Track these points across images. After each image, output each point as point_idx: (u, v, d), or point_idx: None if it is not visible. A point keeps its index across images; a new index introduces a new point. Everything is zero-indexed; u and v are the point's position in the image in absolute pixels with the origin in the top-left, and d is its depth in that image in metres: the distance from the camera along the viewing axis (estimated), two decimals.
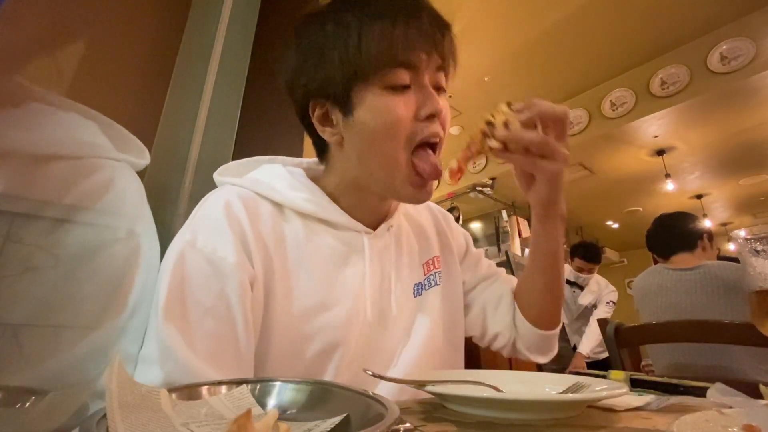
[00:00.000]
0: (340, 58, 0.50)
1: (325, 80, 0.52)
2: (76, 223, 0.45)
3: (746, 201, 5.07)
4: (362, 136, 0.53)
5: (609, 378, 0.63)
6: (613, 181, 4.49)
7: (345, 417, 0.28)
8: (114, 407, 0.22)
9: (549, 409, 0.38)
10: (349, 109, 0.52)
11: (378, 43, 0.49)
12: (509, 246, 4.58)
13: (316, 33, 0.53)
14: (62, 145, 0.46)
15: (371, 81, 0.50)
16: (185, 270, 0.47)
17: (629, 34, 3.06)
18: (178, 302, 0.45)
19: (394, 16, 0.50)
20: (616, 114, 3.45)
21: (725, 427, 0.30)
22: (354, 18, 0.50)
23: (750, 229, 0.48)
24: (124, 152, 0.54)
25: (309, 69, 0.54)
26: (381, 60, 0.49)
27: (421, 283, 0.67)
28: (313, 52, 0.53)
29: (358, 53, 0.49)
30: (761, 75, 2.78)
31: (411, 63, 0.51)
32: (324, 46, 0.52)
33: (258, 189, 0.56)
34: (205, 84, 1.12)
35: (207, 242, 0.49)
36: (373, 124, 0.51)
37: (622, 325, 1.36)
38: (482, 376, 0.50)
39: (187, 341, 0.43)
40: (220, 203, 0.53)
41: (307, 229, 0.57)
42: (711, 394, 0.47)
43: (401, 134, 0.52)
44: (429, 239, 0.72)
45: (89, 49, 0.91)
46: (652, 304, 1.65)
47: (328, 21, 0.53)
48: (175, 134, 1.06)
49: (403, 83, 0.51)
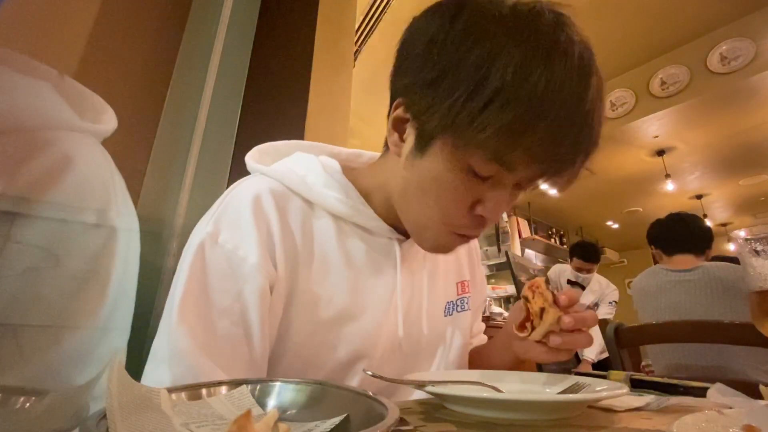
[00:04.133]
0: (453, 93, 0.38)
1: (425, 104, 0.41)
2: (30, 217, 0.38)
3: (746, 201, 5.07)
4: (417, 180, 0.46)
5: (609, 378, 0.63)
6: (613, 181, 4.49)
7: (345, 417, 0.28)
8: (114, 407, 0.22)
9: (549, 409, 0.38)
10: (421, 148, 0.44)
11: (509, 122, 0.37)
12: (509, 246, 4.58)
13: (459, 39, 0.39)
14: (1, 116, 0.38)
15: (466, 144, 0.40)
16: (204, 267, 0.45)
17: (629, 34, 3.06)
18: (193, 300, 0.43)
19: (552, 108, 0.37)
20: (616, 114, 3.46)
21: (725, 427, 0.30)
22: (509, 65, 0.36)
23: (750, 229, 0.48)
24: (85, 118, 0.45)
25: (426, 68, 0.41)
26: (494, 141, 0.38)
27: (454, 302, 0.64)
28: (441, 57, 0.40)
29: (480, 109, 0.37)
30: (761, 75, 2.79)
31: (510, 167, 0.41)
32: (457, 64, 0.39)
33: (290, 183, 0.52)
34: (205, 84, 1.12)
35: (229, 239, 0.46)
36: (429, 185, 0.44)
37: (622, 326, 1.36)
38: (482, 376, 0.49)
39: (200, 343, 0.41)
40: (249, 197, 0.49)
41: (338, 230, 0.53)
42: (711, 394, 0.47)
43: (448, 215, 0.45)
44: (461, 261, 0.70)
45: (89, 49, 0.91)
46: (652, 304, 1.65)
47: (479, 43, 0.38)
48: (175, 134, 1.06)
49: (484, 175, 0.42)
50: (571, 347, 0.46)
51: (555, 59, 0.37)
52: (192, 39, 1.15)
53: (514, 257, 2.19)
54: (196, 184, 1.05)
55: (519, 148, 0.38)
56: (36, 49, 0.82)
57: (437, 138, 0.42)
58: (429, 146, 0.43)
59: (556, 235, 5.60)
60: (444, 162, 0.42)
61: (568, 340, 0.45)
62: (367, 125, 3.87)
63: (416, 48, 0.43)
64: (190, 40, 1.15)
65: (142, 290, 0.54)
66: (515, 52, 0.37)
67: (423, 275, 0.60)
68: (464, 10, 0.41)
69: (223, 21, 1.18)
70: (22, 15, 0.80)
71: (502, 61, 0.36)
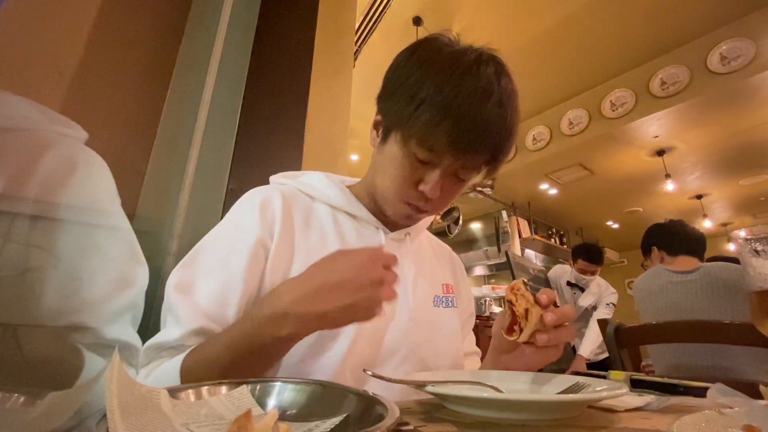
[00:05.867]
0: (400, 101, 0.56)
1: (384, 108, 0.61)
2: (30, 217, 0.39)
3: (746, 201, 5.07)
4: (382, 161, 0.62)
5: (609, 378, 0.63)
6: (613, 182, 4.50)
7: (345, 417, 0.28)
8: (114, 407, 0.22)
9: (549, 410, 0.37)
10: (385, 139, 0.61)
11: (427, 120, 0.53)
12: (509, 246, 4.58)
13: (409, 68, 0.58)
14: None
15: (406, 136, 0.57)
16: (205, 238, 0.57)
17: (629, 34, 3.06)
18: (191, 263, 0.55)
19: (456, 111, 0.53)
20: (616, 114, 3.46)
21: (725, 427, 0.30)
22: (432, 84, 0.54)
23: (750, 229, 0.48)
24: (57, 124, 0.46)
25: (386, 87, 0.60)
26: (419, 132, 0.55)
27: (440, 297, 0.70)
28: (397, 79, 0.58)
29: (413, 111, 0.54)
30: (761, 75, 2.79)
31: (435, 153, 0.56)
32: (404, 83, 0.57)
33: (297, 185, 0.67)
34: (205, 84, 1.12)
35: (235, 216, 0.60)
36: (389, 164, 0.60)
37: (622, 326, 1.36)
38: (482, 376, 0.49)
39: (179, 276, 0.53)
40: (258, 198, 0.61)
41: (334, 217, 0.66)
42: (711, 394, 0.47)
43: (398, 187, 0.60)
44: (444, 268, 0.77)
45: (89, 50, 0.91)
46: (653, 305, 1.65)
47: (419, 70, 0.56)
48: (175, 134, 1.06)
49: (422, 159, 0.57)
50: (557, 342, 0.52)
51: (465, 81, 0.53)
52: (192, 39, 1.15)
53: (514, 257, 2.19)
54: (196, 184, 1.05)
55: (436, 138, 0.54)
56: (36, 49, 0.82)
57: (393, 131, 0.59)
58: (388, 137, 0.60)
59: (556, 235, 5.60)
60: (396, 147, 0.58)
61: (553, 336, 0.50)
62: (367, 125, 3.84)
63: (387, 73, 0.61)
64: (190, 40, 1.15)
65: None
66: (438, 76, 0.54)
67: (410, 264, 0.67)
68: (418, 49, 0.59)
69: (223, 21, 1.19)
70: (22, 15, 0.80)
71: (428, 81, 0.54)
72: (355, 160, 4.35)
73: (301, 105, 1.25)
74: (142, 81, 1.04)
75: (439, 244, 0.82)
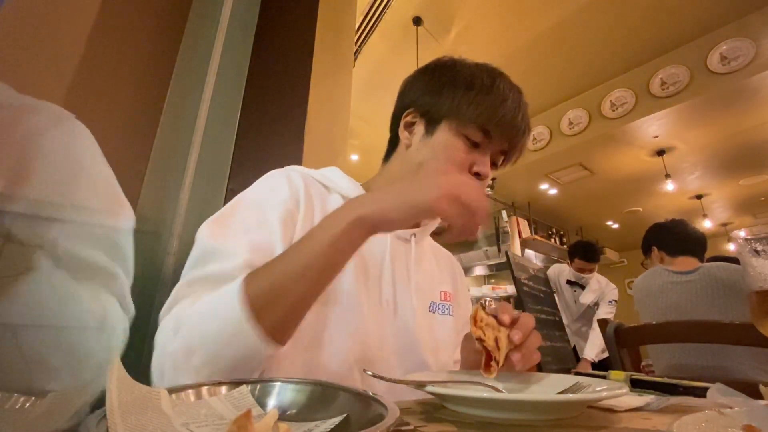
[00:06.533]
0: (453, 97, 0.64)
1: (433, 103, 0.66)
2: (30, 217, 0.39)
3: (746, 201, 5.07)
4: (430, 152, 0.66)
5: (609, 378, 0.63)
6: (613, 181, 4.49)
7: (345, 417, 0.28)
8: (114, 407, 0.22)
9: (549, 410, 0.37)
10: (432, 131, 0.66)
11: (484, 106, 0.63)
12: (509, 246, 4.58)
13: (452, 71, 0.67)
14: None
15: (464, 121, 0.63)
16: (234, 204, 0.58)
17: (629, 34, 3.06)
18: (225, 216, 0.56)
19: (506, 101, 0.63)
20: (616, 114, 3.46)
21: (725, 427, 0.30)
22: (483, 80, 0.65)
23: (750, 229, 0.48)
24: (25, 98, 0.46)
25: (429, 88, 0.68)
26: (476, 117, 0.63)
27: (436, 303, 0.71)
28: (440, 80, 0.67)
29: (467, 102, 0.63)
30: (761, 75, 2.78)
31: (491, 134, 0.63)
32: (451, 83, 0.66)
33: (313, 174, 0.69)
34: (205, 84, 1.12)
35: (263, 188, 0.61)
36: (440, 151, 0.65)
37: (622, 326, 1.36)
38: (482, 376, 0.49)
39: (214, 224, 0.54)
40: (281, 174, 0.63)
41: None
42: (711, 394, 0.47)
43: (452, 169, 0.64)
44: (443, 273, 0.78)
45: (90, 49, 0.91)
46: (653, 305, 1.65)
47: (467, 71, 0.67)
48: (175, 134, 1.06)
49: (476, 141, 0.64)
50: (532, 353, 0.50)
51: (499, 81, 0.65)
52: (192, 39, 1.15)
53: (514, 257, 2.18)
54: (196, 184, 1.05)
55: (493, 120, 0.63)
56: (36, 49, 0.82)
57: (444, 120, 0.65)
58: (436, 128, 0.66)
59: (556, 235, 5.59)
60: (449, 134, 0.64)
61: (525, 351, 0.49)
62: (367, 125, 3.87)
63: (417, 80, 0.70)
64: (190, 40, 1.15)
65: (142, 290, 0.54)
66: (483, 74, 0.66)
67: (410, 260, 0.69)
68: (444, 60, 0.70)
69: (223, 21, 1.19)
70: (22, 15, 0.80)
71: (479, 77, 0.65)
72: (355, 160, 4.35)
73: (301, 105, 1.25)
74: (142, 81, 1.04)
75: (441, 251, 0.83)
